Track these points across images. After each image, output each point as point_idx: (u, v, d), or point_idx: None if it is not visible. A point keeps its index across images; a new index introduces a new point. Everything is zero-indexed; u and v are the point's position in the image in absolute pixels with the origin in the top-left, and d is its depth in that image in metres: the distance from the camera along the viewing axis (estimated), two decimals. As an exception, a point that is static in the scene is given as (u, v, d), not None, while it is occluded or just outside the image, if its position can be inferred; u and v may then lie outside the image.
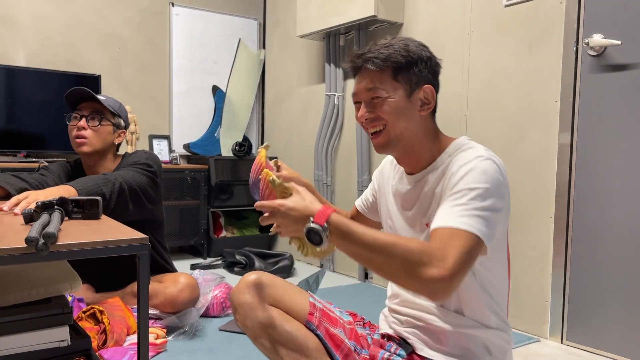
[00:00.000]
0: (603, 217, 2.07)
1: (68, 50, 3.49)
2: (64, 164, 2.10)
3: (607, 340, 2.06)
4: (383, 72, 1.14)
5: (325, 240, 1.01)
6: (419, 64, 1.15)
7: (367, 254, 1.00)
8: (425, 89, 1.16)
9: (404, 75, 1.14)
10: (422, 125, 1.17)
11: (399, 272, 0.97)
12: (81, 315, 1.83)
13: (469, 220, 1.00)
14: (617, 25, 2.02)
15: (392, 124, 1.14)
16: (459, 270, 0.95)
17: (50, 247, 0.87)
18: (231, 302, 1.29)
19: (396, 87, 1.13)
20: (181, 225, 3.63)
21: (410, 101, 1.14)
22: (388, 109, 1.13)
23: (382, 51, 1.14)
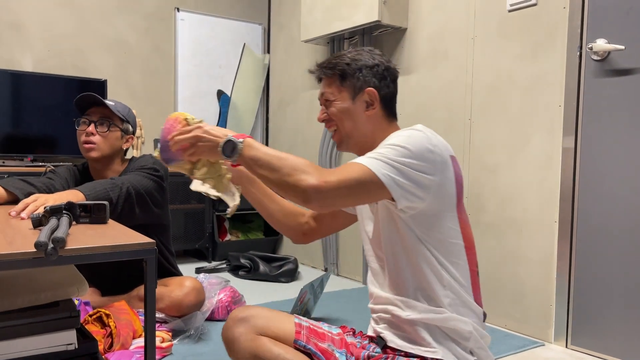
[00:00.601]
0: (607, 221, 2.07)
1: (75, 55, 3.52)
2: (72, 168, 2.12)
3: (612, 345, 2.06)
4: (332, 78, 1.32)
5: (238, 151, 1.15)
6: (363, 70, 1.30)
7: (268, 167, 1.13)
8: (369, 92, 1.30)
9: (349, 81, 1.30)
10: (371, 124, 1.31)
11: (286, 178, 1.10)
12: (87, 318, 1.85)
13: (374, 162, 1.12)
14: (620, 30, 2.02)
15: (340, 124, 1.31)
16: (336, 188, 1.08)
17: (59, 251, 0.88)
18: (223, 339, 1.37)
19: (342, 91, 1.31)
20: (186, 228, 3.65)
21: (354, 103, 1.30)
22: (335, 110, 1.31)
23: (332, 61, 1.32)
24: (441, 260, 1.21)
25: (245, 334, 1.32)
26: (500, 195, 2.44)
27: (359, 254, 3.26)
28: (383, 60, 1.33)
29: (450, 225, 1.21)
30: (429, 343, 1.21)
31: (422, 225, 1.20)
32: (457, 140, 2.63)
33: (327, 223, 1.51)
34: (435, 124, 2.75)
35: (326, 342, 1.33)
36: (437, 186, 1.16)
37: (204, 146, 1.20)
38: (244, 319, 1.34)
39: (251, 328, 1.33)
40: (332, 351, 1.31)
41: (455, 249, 1.23)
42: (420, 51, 2.85)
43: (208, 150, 1.20)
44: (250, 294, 2.73)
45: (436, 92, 2.75)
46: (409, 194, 1.13)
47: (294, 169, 1.10)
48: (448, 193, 1.19)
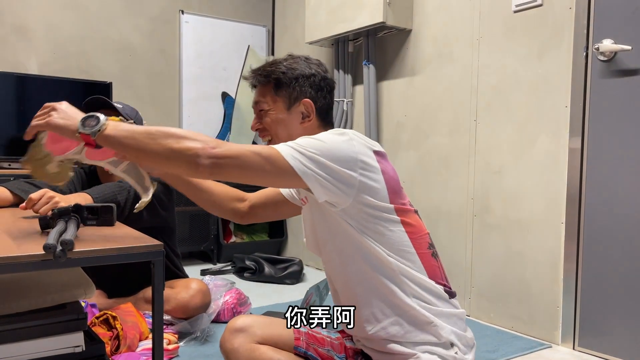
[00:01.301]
0: (614, 223, 2.06)
1: (80, 58, 3.53)
2: (78, 170, 2.12)
3: (620, 346, 2.04)
4: (266, 87, 1.27)
5: (102, 124, 1.02)
6: (299, 80, 1.26)
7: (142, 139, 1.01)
8: (305, 103, 1.27)
9: (284, 90, 1.26)
10: (299, 133, 1.24)
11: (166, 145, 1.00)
12: (94, 321, 1.85)
13: (281, 146, 1.09)
14: (627, 30, 2.01)
15: (274, 134, 1.28)
16: (228, 156, 1.02)
17: (67, 254, 0.89)
18: (221, 351, 1.35)
19: (276, 100, 1.26)
20: (191, 230, 3.65)
21: (289, 113, 1.27)
22: (269, 120, 1.28)
23: (267, 68, 1.27)
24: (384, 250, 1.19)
25: (244, 344, 1.29)
26: (506, 197, 2.43)
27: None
28: (320, 70, 1.30)
29: (388, 216, 1.18)
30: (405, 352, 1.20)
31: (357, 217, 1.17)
32: (462, 141, 2.62)
33: (266, 213, 1.51)
34: (441, 125, 2.75)
35: (325, 346, 1.32)
36: (359, 182, 1.13)
37: (58, 117, 1.07)
38: (242, 328, 1.31)
39: (250, 337, 1.30)
40: (332, 356, 1.31)
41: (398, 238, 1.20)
42: (425, 52, 2.84)
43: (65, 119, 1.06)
44: (255, 296, 2.73)
45: (441, 93, 2.74)
46: (308, 175, 1.08)
47: (173, 135, 1.01)
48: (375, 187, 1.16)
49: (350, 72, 3.30)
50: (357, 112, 3.30)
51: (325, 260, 1.32)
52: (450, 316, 1.23)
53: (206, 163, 1.00)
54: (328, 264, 1.31)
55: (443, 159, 2.72)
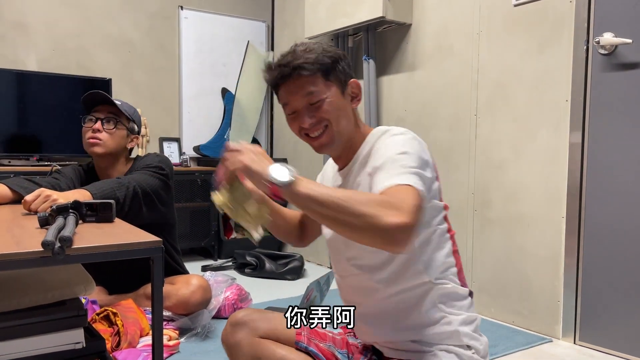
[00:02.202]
0: (615, 217, 2.06)
1: (79, 54, 3.52)
2: (77, 168, 2.12)
3: (621, 340, 2.04)
4: (315, 75, 1.15)
5: (289, 175, 0.97)
6: (340, 62, 1.19)
7: (328, 207, 0.95)
8: (352, 83, 1.21)
9: (333, 75, 1.17)
10: (353, 118, 1.23)
11: (359, 223, 0.93)
12: (95, 317, 1.85)
13: (409, 177, 1.02)
14: (628, 23, 2.00)
15: (335, 122, 1.17)
16: (417, 218, 0.94)
17: (66, 250, 0.88)
18: (223, 345, 1.35)
19: (330, 86, 1.17)
20: (192, 227, 3.65)
21: (344, 97, 1.19)
22: (329, 108, 1.16)
23: (307, 56, 1.15)
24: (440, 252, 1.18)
25: (246, 338, 1.30)
26: (506, 191, 2.42)
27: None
28: (339, 49, 1.25)
29: (440, 218, 1.19)
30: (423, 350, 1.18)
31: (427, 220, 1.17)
32: (462, 136, 2.61)
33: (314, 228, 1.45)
34: (441, 120, 2.74)
35: (327, 342, 1.32)
36: (433, 186, 1.15)
37: (249, 158, 1.03)
38: (244, 322, 1.31)
39: (252, 331, 1.30)
40: (333, 352, 1.30)
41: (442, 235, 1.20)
42: (425, 47, 2.83)
43: (258, 163, 1.02)
44: (256, 292, 2.73)
45: (441, 88, 2.73)
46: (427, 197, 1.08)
47: (366, 210, 0.92)
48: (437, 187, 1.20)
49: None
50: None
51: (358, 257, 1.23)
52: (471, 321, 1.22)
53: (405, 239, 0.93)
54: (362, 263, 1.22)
55: (443, 154, 2.71)
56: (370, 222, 0.91)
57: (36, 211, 1.37)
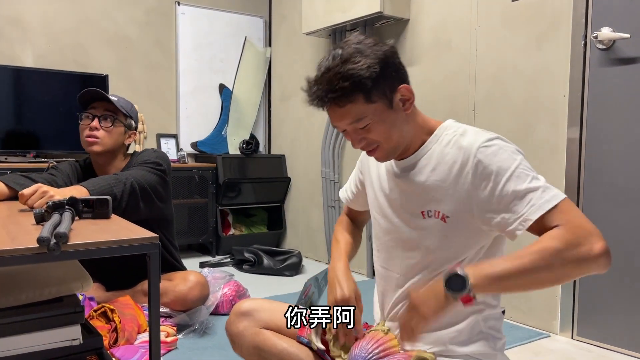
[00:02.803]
0: (613, 212, 2.06)
1: (75, 50, 3.51)
2: (74, 164, 2.11)
3: (618, 335, 2.05)
4: (354, 102, 1.04)
5: (468, 283, 0.93)
6: (384, 72, 1.04)
7: (524, 281, 0.94)
8: (401, 90, 1.08)
9: (376, 93, 1.04)
10: (410, 121, 1.12)
11: (567, 272, 0.95)
12: (92, 314, 1.85)
13: (549, 192, 0.98)
14: (625, 18, 2.00)
15: (385, 141, 1.09)
16: (599, 233, 0.95)
17: (61, 246, 0.88)
18: (227, 333, 1.35)
19: (375, 108, 1.05)
20: (189, 223, 3.65)
21: (393, 110, 1.08)
22: (376, 132, 1.07)
23: (342, 85, 1.02)
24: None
25: (249, 328, 1.31)
26: (504, 187, 2.42)
27: (363, 247, 3.25)
28: (382, 47, 1.08)
29: None
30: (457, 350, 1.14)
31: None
32: (460, 131, 2.61)
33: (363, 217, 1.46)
34: (439, 115, 2.72)
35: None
36: None
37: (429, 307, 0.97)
38: (247, 312, 1.33)
39: (255, 322, 1.32)
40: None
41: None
42: (423, 42, 2.83)
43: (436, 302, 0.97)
44: (254, 288, 2.73)
45: (439, 83, 2.73)
46: None
47: (565, 260, 0.93)
48: None
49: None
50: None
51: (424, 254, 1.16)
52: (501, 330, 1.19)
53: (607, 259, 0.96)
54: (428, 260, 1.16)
55: (441, 149, 2.70)
56: (585, 267, 0.95)
57: (32, 206, 1.36)
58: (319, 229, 3.62)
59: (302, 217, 3.85)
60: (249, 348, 1.31)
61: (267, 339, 1.30)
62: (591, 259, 0.93)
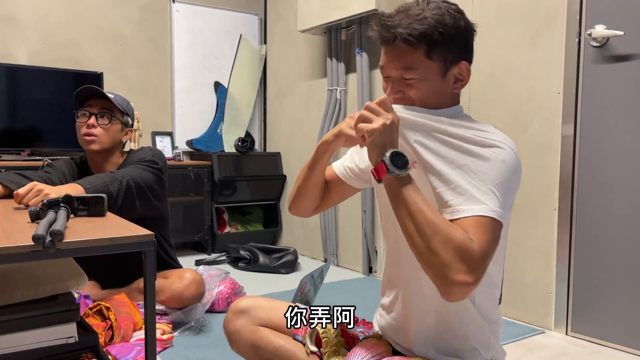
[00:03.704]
0: (607, 209, 2.07)
1: (70, 48, 3.49)
2: (69, 161, 2.11)
3: (612, 331, 2.06)
4: (416, 49, 1.01)
5: (404, 168, 0.93)
6: (455, 39, 1.03)
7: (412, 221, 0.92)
8: (461, 66, 1.06)
9: (439, 53, 1.02)
10: (452, 100, 1.11)
11: (428, 258, 0.90)
12: (88, 312, 1.84)
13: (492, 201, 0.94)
14: (619, 15, 2.01)
15: (421, 103, 1.05)
16: (483, 273, 0.89)
17: (57, 244, 0.88)
18: (224, 331, 1.36)
19: (430, 66, 1.03)
20: (185, 221, 3.64)
21: (444, 80, 1.06)
22: (420, 92, 1.04)
23: (415, 26, 1.00)
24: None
25: (246, 326, 1.32)
26: (499, 184, 2.43)
27: (358, 244, 3.26)
28: (466, 20, 1.06)
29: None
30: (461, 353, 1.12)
31: None
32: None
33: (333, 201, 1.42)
34: (434, 113, 2.74)
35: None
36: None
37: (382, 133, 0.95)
38: (244, 310, 1.33)
39: (252, 319, 1.32)
40: None
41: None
42: (418, 40, 2.83)
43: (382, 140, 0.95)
44: (250, 286, 2.73)
45: (434, 81, 2.73)
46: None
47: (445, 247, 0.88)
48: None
49: (343, 60, 3.28)
50: (351, 101, 3.29)
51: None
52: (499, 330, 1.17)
53: (457, 293, 0.88)
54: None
55: (436, 146, 2.71)
56: (438, 268, 0.88)
57: (27, 205, 1.36)
58: (315, 226, 3.62)
59: (297, 215, 3.85)
60: (246, 346, 1.32)
61: (263, 337, 1.30)
62: (445, 275, 0.87)
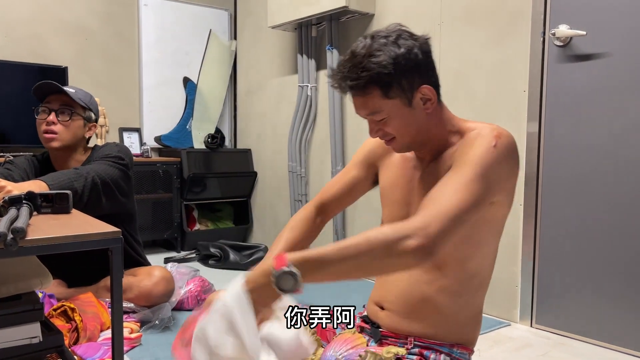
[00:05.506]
0: (570, 204, 2.13)
1: (33, 41, 3.39)
2: (31, 158, 2.05)
3: (575, 323, 2.13)
4: (372, 95, 1.05)
5: (299, 279, 0.92)
6: (406, 69, 1.05)
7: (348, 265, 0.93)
8: (422, 90, 1.08)
9: (395, 89, 1.05)
10: (432, 119, 1.12)
11: (384, 261, 0.93)
12: (52, 312, 1.80)
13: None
14: (582, 16, 2.06)
15: (400, 136, 1.10)
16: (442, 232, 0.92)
17: (19, 242, 0.86)
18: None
19: (392, 104, 1.06)
20: (154, 218, 3.59)
21: (412, 108, 1.08)
22: (392, 128, 1.09)
23: (362, 75, 1.03)
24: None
25: None
26: (467, 180, 2.47)
27: (329, 240, 3.27)
28: (411, 42, 1.07)
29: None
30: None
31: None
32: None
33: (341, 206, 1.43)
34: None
35: None
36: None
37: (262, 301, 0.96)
38: None
39: None
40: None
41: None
42: (388, 37, 2.85)
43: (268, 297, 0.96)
44: (220, 283, 2.71)
45: (404, 78, 2.75)
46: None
47: (385, 243, 0.91)
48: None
49: (313, 56, 3.28)
50: (322, 98, 3.29)
51: None
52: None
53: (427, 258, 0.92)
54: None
55: (406, 143, 2.74)
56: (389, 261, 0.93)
57: None
58: (286, 223, 3.61)
59: (268, 212, 3.85)
60: None
61: None
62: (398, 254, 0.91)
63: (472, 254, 1.17)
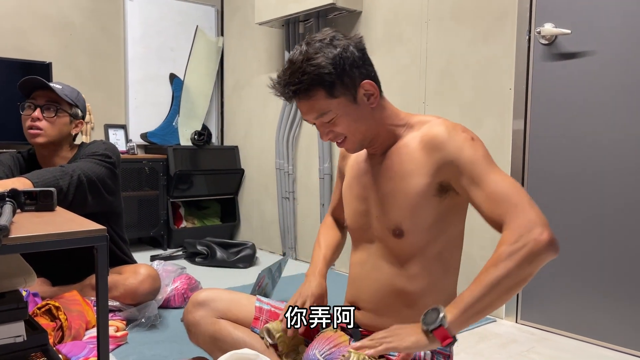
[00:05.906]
0: (556, 201, 2.15)
1: (16, 36, 3.34)
2: (16, 155, 2.03)
3: (559, 319, 2.15)
4: (317, 96, 1.09)
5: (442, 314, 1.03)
6: (346, 68, 1.09)
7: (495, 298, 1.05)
8: (364, 85, 1.12)
9: (339, 88, 1.09)
10: (377, 113, 1.17)
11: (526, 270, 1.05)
12: (36, 311, 1.78)
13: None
14: (567, 14, 2.08)
15: (351, 134, 1.14)
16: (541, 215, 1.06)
17: (2, 240, 0.84)
18: (184, 323, 1.36)
19: (338, 102, 1.10)
20: (140, 216, 3.57)
21: (357, 104, 1.13)
22: (342, 126, 1.13)
23: (303, 79, 1.07)
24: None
25: (205, 317, 1.32)
26: (453, 177, 2.49)
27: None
28: (345, 42, 1.12)
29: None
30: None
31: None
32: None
33: None
34: (391, 107, 2.77)
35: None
36: None
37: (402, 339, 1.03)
38: (204, 302, 1.33)
39: (211, 311, 1.32)
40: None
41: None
42: (376, 35, 2.86)
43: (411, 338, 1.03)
44: (207, 281, 2.71)
45: (391, 76, 2.76)
46: None
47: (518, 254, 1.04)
48: None
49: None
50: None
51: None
52: None
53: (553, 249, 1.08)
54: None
55: (393, 140, 2.75)
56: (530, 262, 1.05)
57: None
58: (273, 220, 3.62)
59: (256, 209, 3.84)
60: (205, 337, 1.32)
61: (223, 329, 1.31)
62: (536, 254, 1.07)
63: (434, 238, 1.19)
